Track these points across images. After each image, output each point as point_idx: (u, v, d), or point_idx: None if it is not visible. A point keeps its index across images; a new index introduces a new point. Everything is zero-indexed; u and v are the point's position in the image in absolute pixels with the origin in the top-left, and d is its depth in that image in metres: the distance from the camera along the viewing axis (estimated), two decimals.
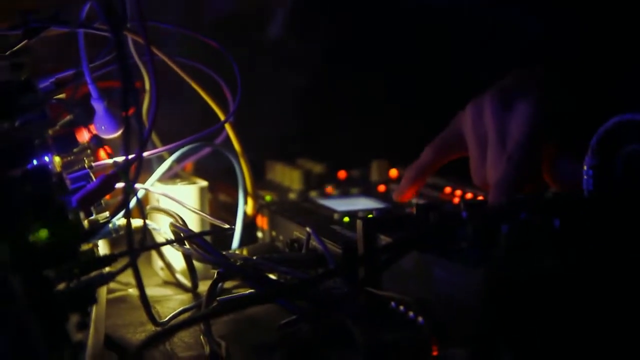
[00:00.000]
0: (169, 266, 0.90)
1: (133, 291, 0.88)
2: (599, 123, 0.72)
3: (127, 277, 0.89)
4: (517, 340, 0.57)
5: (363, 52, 1.32)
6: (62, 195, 0.63)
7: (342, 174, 1.15)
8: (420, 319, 0.63)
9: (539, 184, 0.86)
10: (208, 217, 0.88)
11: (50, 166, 0.67)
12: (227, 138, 0.95)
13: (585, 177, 0.73)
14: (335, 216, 0.90)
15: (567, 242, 0.63)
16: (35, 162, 0.63)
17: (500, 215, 0.65)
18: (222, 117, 0.91)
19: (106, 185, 0.71)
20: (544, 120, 0.84)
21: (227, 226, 0.84)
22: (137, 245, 0.67)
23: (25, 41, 0.76)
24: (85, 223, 0.73)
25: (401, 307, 0.66)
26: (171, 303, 0.85)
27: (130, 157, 0.64)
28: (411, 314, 0.64)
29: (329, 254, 0.76)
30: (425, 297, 0.64)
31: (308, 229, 0.79)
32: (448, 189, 1.01)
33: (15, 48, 0.74)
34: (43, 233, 0.58)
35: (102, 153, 0.89)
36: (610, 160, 0.73)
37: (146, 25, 0.79)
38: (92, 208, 0.79)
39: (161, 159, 0.94)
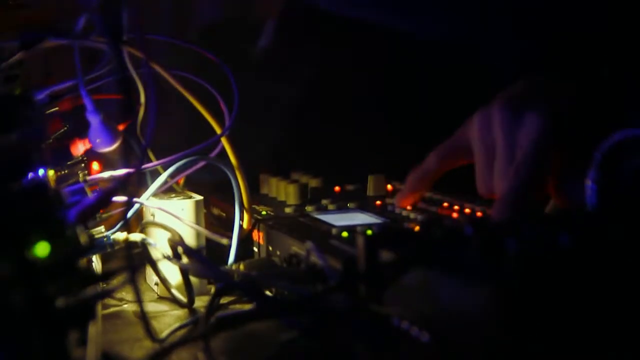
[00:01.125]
0: (164, 281, 0.89)
1: (128, 307, 0.87)
2: (606, 136, 0.72)
3: (121, 292, 0.88)
4: (526, 355, 0.57)
5: (360, 63, 1.31)
6: (60, 209, 0.62)
7: (337, 189, 1.14)
8: (424, 335, 0.62)
9: (545, 197, 0.85)
10: (207, 232, 0.87)
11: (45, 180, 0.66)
12: (221, 151, 0.94)
13: (588, 191, 0.73)
14: (334, 231, 0.88)
15: (575, 258, 0.62)
16: (31, 175, 0.62)
17: (507, 230, 0.64)
18: (218, 131, 0.90)
19: (104, 199, 0.70)
20: (553, 134, 0.83)
21: (226, 241, 0.83)
22: (135, 261, 0.66)
23: (21, 53, 0.75)
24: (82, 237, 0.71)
25: (405, 324, 0.65)
26: (167, 319, 0.84)
27: (129, 171, 0.63)
28: (415, 330, 0.63)
29: (330, 270, 0.75)
30: (429, 313, 0.63)
31: (308, 244, 0.78)
32: (446, 203, 1.00)
33: (10, 60, 0.72)
34: (43, 248, 0.57)
35: (94, 165, 0.88)
36: (614, 175, 0.72)
37: (144, 38, 0.78)
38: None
39: (155, 173, 0.92)
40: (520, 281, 0.59)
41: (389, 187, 1.13)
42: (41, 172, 0.67)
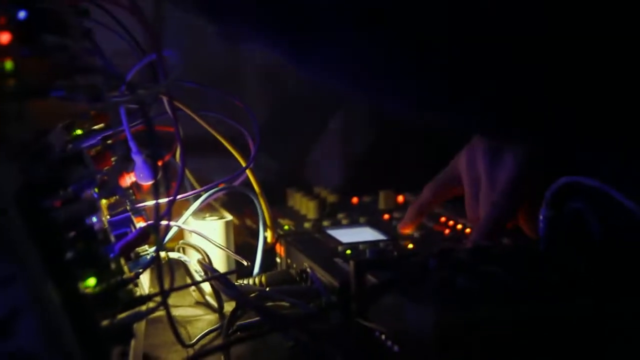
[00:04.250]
0: (199, 289, 1.05)
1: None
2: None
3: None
4: None
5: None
6: (106, 248, 0.78)
7: (355, 200, 1.30)
8: (395, 347, 0.77)
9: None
10: (233, 254, 1.04)
11: (97, 223, 0.81)
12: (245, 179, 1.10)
13: (540, 225, 0.88)
14: (340, 249, 1.05)
15: (518, 292, 0.75)
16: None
17: (461, 265, 0.79)
18: (243, 163, 1.06)
19: (143, 236, 0.87)
20: (526, 175, 1.01)
21: (246, 263, 1.01)
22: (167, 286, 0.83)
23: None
24: (126, 269, 0.88)
25: (383, 337, 0.80)
26: (200, 323, 1.00)
27: (162, 218, 0.79)
28: (389, 342, 0.78)
29: (324, 291, 0.92)
30: (399, 330, 0.78)
31: (310, 268, 0.95)
32: (443, 218, 1.16)
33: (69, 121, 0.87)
34: (91, 281, 0.73)
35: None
36: (560, 212, 0.87)
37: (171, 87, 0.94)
38: None
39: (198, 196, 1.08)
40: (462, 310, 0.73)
41: (401, 198, 1.28)
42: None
